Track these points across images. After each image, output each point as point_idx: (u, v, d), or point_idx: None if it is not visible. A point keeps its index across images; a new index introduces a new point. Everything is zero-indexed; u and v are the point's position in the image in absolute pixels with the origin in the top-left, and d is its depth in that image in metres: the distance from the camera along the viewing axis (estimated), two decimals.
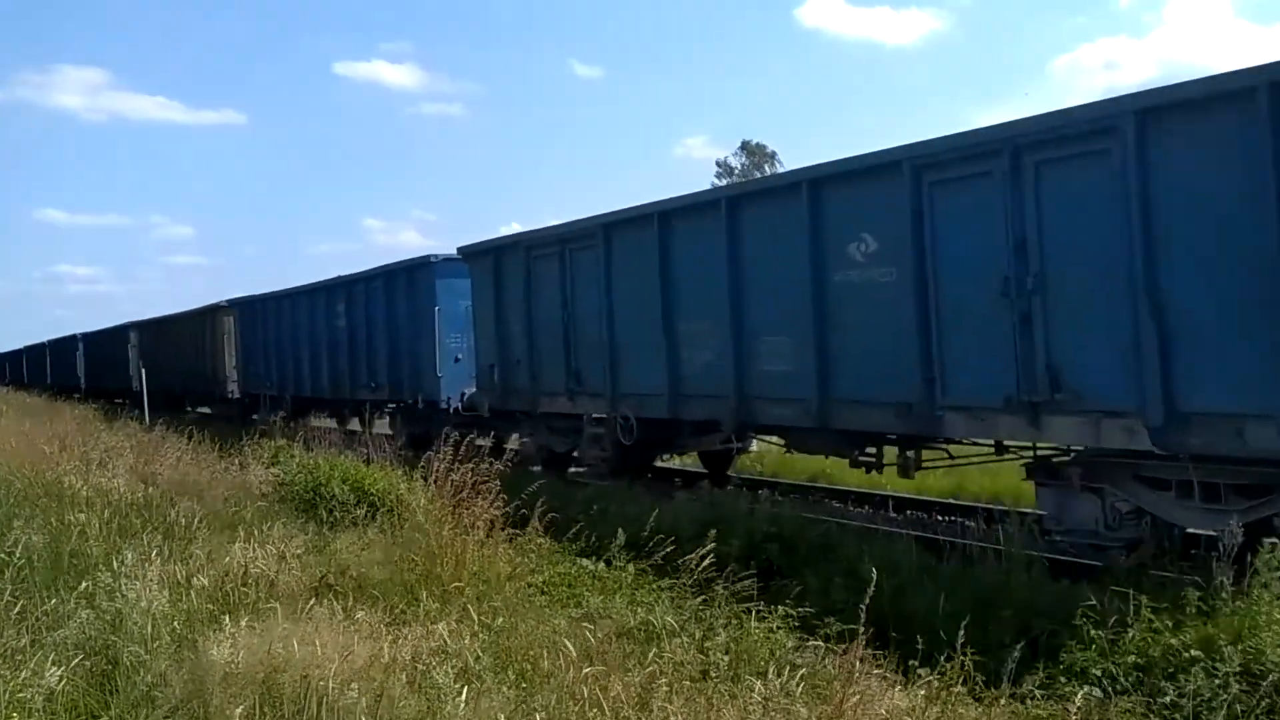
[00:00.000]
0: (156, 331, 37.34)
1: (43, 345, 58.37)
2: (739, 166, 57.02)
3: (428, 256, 19.13)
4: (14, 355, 69.72)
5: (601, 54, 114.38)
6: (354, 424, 21.83)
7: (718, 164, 59.55)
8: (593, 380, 13.99)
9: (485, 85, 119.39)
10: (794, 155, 73.67)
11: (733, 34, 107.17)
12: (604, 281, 13.64)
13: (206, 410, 32.77)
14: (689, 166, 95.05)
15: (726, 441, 12.87)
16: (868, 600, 5.16)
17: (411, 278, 19.63)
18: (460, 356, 18.15)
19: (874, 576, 5.59)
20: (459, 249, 17.59)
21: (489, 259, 16.31)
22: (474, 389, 17.39)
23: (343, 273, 23.42)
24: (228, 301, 29.89)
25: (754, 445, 14.46)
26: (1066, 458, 8.87)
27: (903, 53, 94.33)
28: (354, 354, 21.99)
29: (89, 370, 45.99)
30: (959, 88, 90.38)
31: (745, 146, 57.85)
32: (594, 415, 14.18)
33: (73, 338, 49.27)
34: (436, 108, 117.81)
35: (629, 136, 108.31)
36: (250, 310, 28.38)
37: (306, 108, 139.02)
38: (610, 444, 13.82)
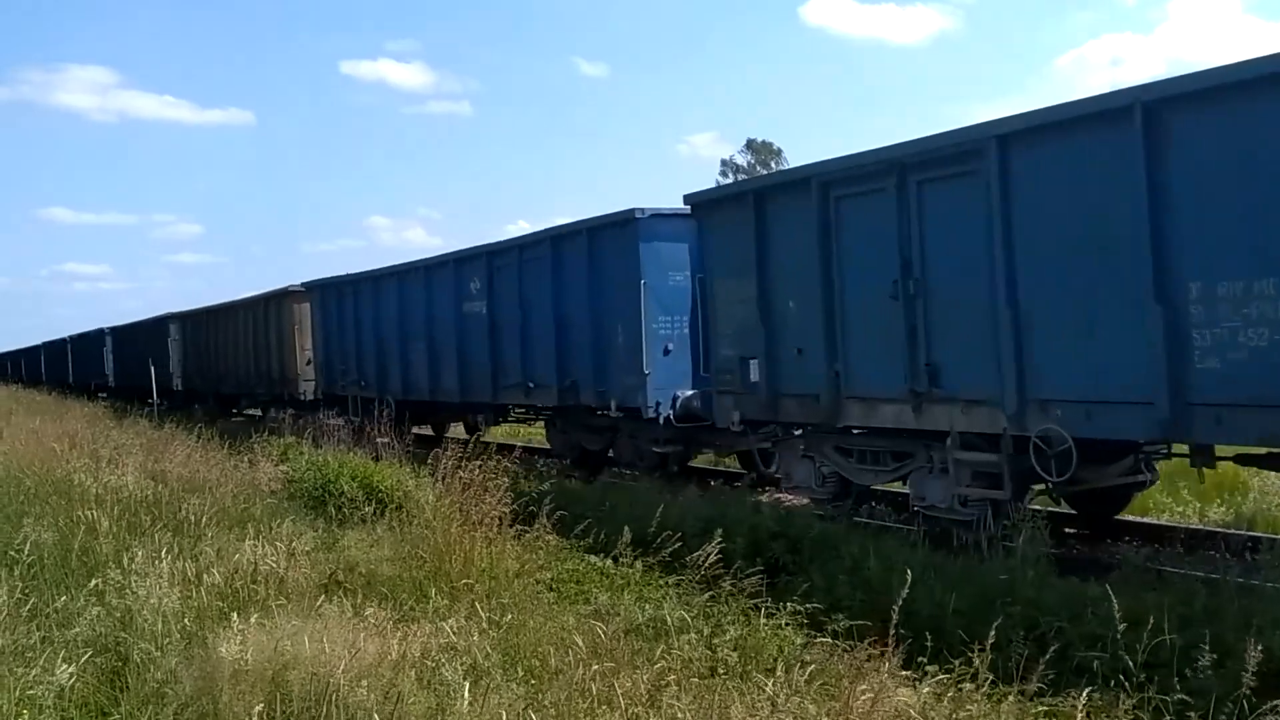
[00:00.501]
0: (204, 323, 32.02)
1: (63, 341, 53.45)
2: (745, 164, 56.98)
3: (631, 211, 13.87)
4: (31, 351, 65.60)
5: (607, 52, 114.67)
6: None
7: (723, 162, 59.62)
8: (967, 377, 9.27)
9: (491, 83, 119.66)
10: (801, 153, 73.75)
11: (737, 31, 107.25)
12: (990, 225, 8.87)
13: (255, 412, 28.22)
14: (694, 164, 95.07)
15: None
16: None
17: (601, 239, 14.59)
18: (671, 347, 13.68)
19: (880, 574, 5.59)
20: (686, 197, 12.71)
21: (745, 207, 11.39)
22: (692, 391, 13.42)
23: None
24: (303, 285, 24.49)
25: None
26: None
27: (908, 50, 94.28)
28: (497, 346, 16.82)
29: (119, 368, 41.28)
30: (965, 85, 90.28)
31: (751, 145, 57.84)
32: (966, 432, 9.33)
33: (100, 332, 44.39)
34: (443, 106, 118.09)
35: (634, 134, 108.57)
36: (334, 294, 23.02)
37: (313, 106, 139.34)
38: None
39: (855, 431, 10.62)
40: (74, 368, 49.39)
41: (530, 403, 16.54)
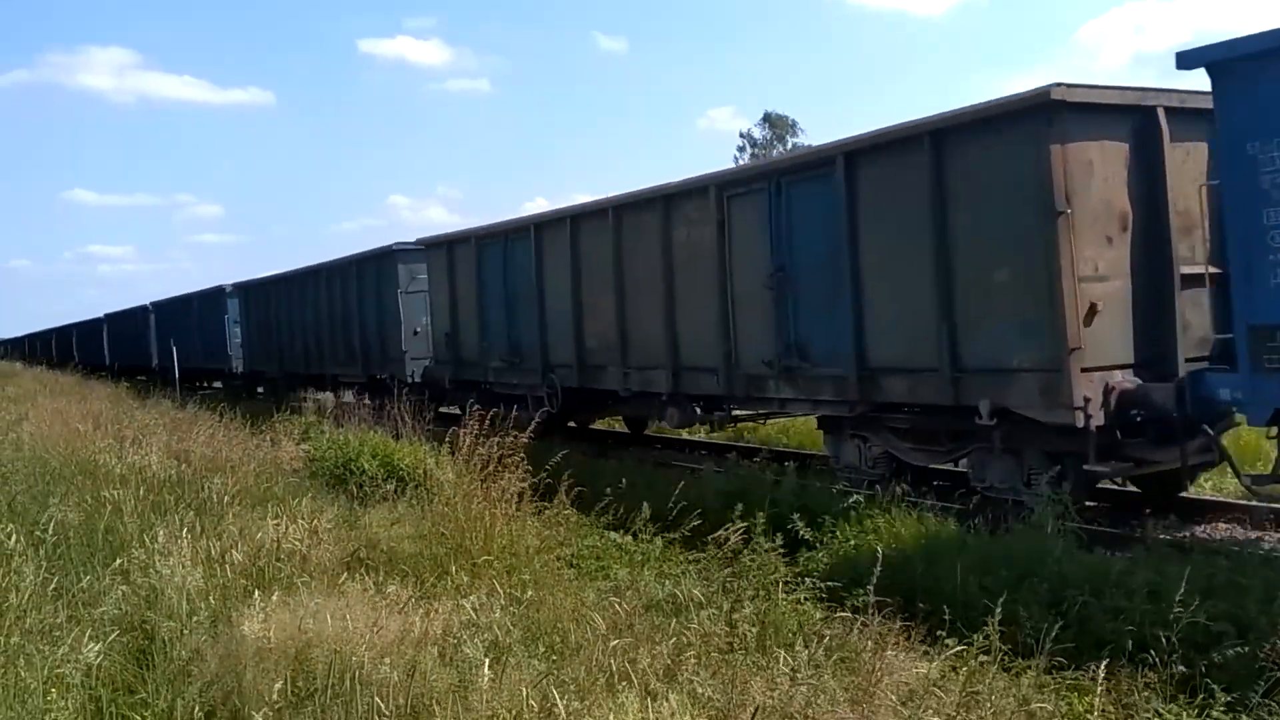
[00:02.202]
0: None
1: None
2: (762, 138, 56.66)
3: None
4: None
5: (626, 26, 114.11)
6: None
7: (741, 135, 59.25)
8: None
9: (510, 60, 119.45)
10: (820, 126, 73.26)
11: (756, 3, 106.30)
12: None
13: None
14: (713, 138, 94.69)
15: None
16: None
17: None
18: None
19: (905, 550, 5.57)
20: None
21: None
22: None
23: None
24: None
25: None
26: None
27: (930, 23, 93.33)
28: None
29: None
30: (987, 57, 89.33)
31: (768, 118, 57.45)
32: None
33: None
34: (462, 84, 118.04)
35: (654, 108, 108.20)
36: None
37: (333, 86, 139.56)
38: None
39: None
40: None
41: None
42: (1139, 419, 8.50)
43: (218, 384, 33.60)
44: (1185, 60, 7.48)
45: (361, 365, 21.95)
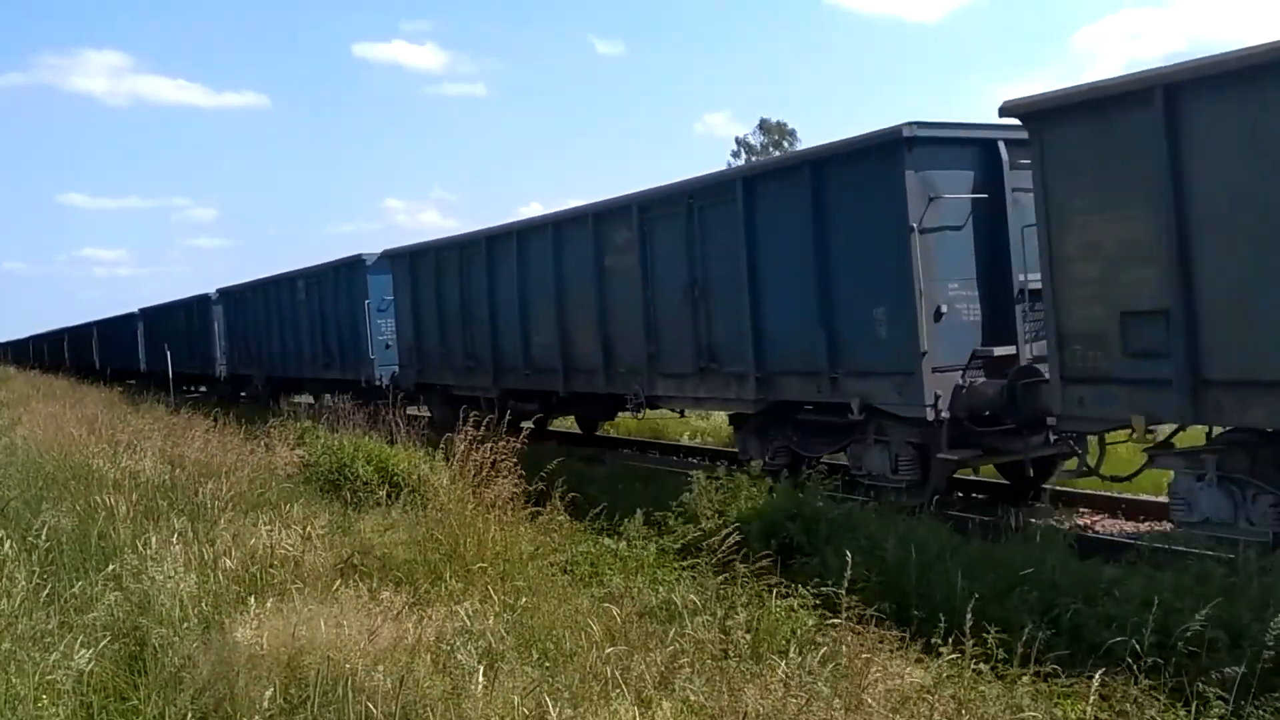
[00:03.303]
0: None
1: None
2: (758, 145, 56.73)
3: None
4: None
5: (622, 29, 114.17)
6: None
7: (737, 141, 59.32)
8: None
9: (506, 64, 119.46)
10: (816, 132, 73.31)
11: (753, 7, 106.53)
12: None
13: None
14: (710, 143, 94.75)
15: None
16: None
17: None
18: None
19: (897, 556, 5.58)
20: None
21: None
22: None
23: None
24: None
25: None
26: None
27: (925, 28, 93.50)
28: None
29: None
30: (983, 63, 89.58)
31: (764, 125, 57.53)
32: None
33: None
34: (457, 88, 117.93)
35: (650, 112, 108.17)
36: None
37: (327, 89, 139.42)
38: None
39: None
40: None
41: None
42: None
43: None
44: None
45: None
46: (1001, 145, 10.05)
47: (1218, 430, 8.00)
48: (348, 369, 22.05)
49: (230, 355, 30.52)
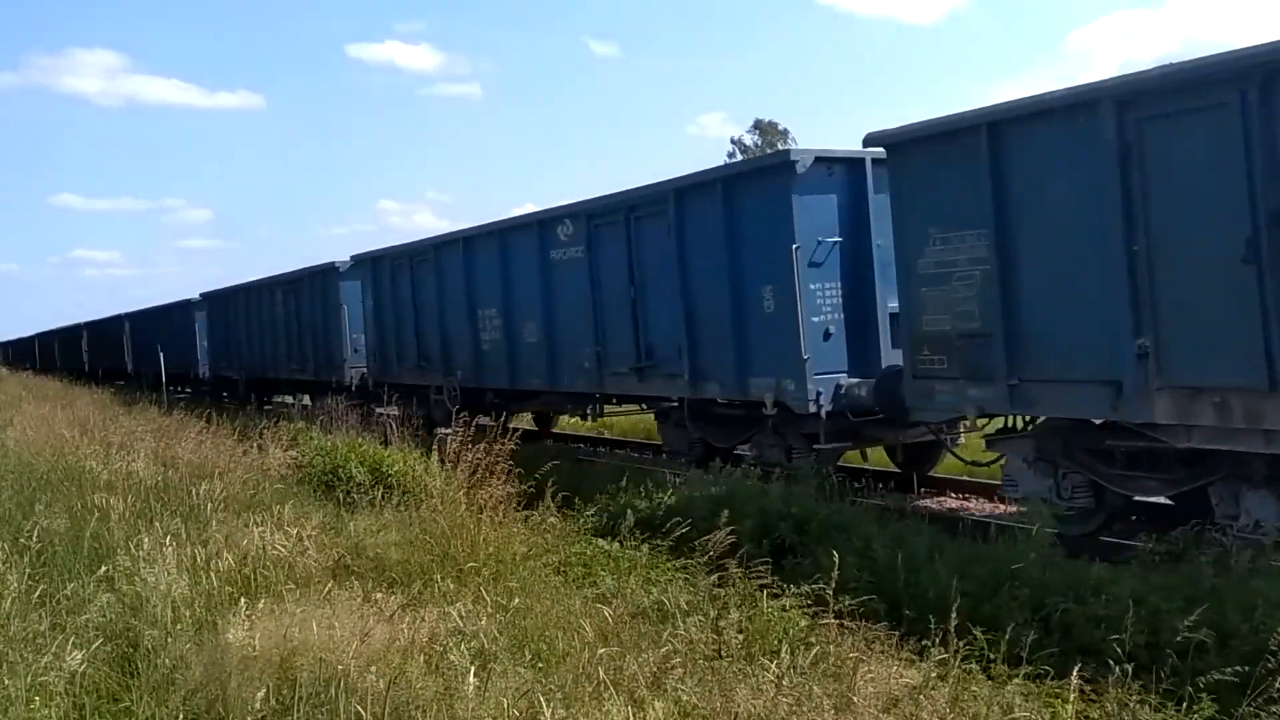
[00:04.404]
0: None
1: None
2: (753, 145, 56.77)
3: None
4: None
5: (617, 31, 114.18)
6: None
7: (732, 141, 59.38)
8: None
9: (501, 65, 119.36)
10: (811, 134, 73.41)
11: (747, 9, 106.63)
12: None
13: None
14: (704, 145, 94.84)
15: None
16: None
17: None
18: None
19: (888, 556, 5.59)
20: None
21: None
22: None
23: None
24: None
25: None
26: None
27: (920, 29, 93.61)
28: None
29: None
30: (977, 64, 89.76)
31: (758, 125, 57.60)
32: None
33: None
34: (452, 88, 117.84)
35: (645, 114, 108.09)
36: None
37: (322, 90, 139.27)
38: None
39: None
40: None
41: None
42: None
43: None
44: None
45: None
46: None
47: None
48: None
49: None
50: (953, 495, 12.13)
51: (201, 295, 32.07)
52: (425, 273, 18.71)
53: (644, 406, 15.31)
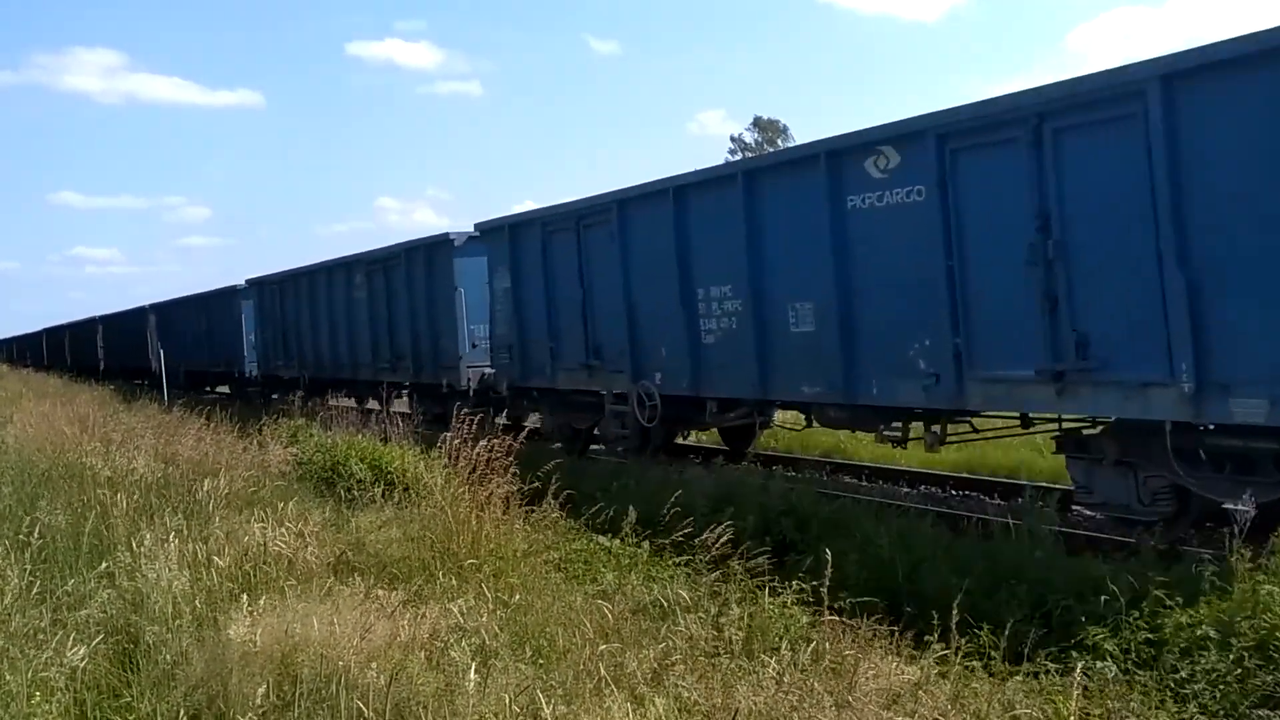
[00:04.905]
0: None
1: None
2: (753, 142, 56.76)
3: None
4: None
5: (618, 29, 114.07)
6: None
7: (732, 139, 59.36)
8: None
9: (501, 62, 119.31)
10: (810, 130, 73.38)
11: (749, 6, 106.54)
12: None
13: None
14: (704, 142, 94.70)
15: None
16: None
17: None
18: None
19: (889, 552, 5.60)
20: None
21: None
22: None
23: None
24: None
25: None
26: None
27: (921, 27, 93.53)
28: None
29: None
30: (977, 62, 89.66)
31: (758, 122, 57.57)
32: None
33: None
34: (452, 86, 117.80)
35: (645, 111, 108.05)
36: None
37: (322, 88, 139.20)
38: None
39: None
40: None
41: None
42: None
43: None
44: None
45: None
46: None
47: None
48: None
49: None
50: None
51: (248, 282, 27.91)
52: (603, 239, 14.01)
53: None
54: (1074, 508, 9.40)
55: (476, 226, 17.10)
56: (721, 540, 6.84)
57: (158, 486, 9.16)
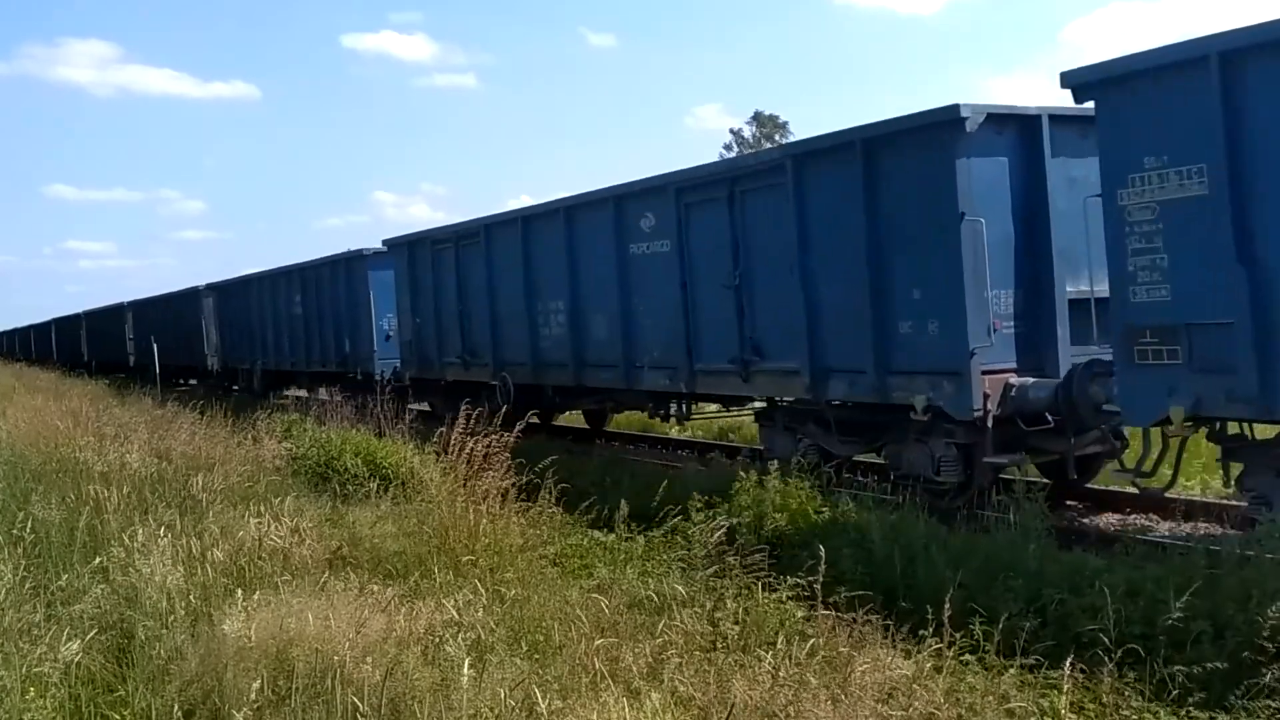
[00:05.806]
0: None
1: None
2: (751, 136, 56.73)
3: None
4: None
5: (614, 21, 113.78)
6: None
7: (731, 132, 59.33)
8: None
9: (497, 55, 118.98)
10: (808, 125, 73.31)
11: (745, 1, 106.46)
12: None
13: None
14: (701, 137, 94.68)
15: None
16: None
17: None
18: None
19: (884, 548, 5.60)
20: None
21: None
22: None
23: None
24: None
25: None
26: None
27: (918, 21, 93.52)
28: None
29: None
30: (976, 56, 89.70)
31: (757, 117, 57.56)
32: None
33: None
34: (448, 79, 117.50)
35: (642, 105, 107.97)
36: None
37: (317, 81, 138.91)
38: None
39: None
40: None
41: None
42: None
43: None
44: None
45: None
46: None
47: None
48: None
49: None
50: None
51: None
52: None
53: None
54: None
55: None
56: (716, 535, 6.85)
57: (151, 481, 9.15)
